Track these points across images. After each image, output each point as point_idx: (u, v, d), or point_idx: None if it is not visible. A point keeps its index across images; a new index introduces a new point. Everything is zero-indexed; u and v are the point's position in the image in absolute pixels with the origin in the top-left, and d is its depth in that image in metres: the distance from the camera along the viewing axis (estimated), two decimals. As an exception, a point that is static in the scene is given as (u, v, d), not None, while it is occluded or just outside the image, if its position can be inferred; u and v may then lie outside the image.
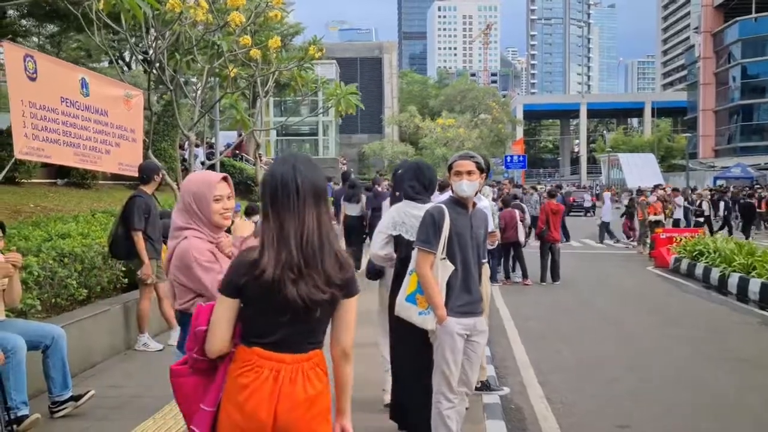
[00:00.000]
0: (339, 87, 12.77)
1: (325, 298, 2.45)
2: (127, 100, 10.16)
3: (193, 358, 2.68)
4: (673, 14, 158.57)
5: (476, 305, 4.31)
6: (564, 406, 6.05)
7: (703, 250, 14.58)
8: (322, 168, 2.66)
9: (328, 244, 2.47)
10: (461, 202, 4.30)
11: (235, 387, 2.50)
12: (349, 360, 2.60)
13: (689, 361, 7.72)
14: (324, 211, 2.51)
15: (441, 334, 4.21)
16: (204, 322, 2.62)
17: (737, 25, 72.18)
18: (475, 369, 4.41)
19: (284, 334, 2.48)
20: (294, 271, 2.41)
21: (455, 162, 4.30)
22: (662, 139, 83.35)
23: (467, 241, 4.25)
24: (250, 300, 2.49)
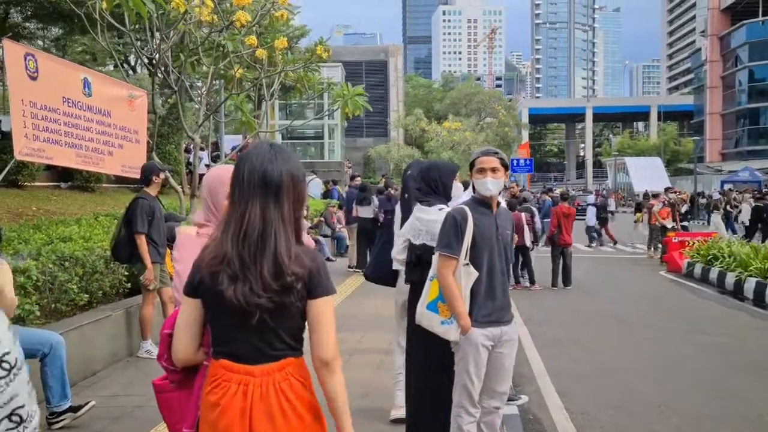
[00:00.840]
0: (347, 88, 12.53)
1: (264, 304, 2.14)
2: (130, 101, 9.95)
3: (164, 368, 2.46)
4: (679, 18, 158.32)
5: (503, 313, 3.99)
6: (585, 416, 5.79)
7: (717, 255, 14.30)
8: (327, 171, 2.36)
9: (272, 243, 2.16)
10: (485, 202, 3.99)
11: (206, 406, 2.25)
12: (332, 370, 2.24)
13: (712, 369, 7.44)
14: (275, 206, 2.20)
15: (464, 345, 3.92)
16: (170, 325, 2.39)
17: (744, 28, 71.94)
18: (505, 380, 4.11)
19: (244, 341, 2.21)
20: (231, 267, 2.15)
21: (478, 158, 3.99)
22: (668, 142, 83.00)
23: (492, 244, 3.94)
24: (205, 301, 2.24)
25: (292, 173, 2.26)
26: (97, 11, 9.77)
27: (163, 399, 2.53)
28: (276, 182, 2.22)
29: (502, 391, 4.10)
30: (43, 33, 21.61)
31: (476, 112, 61.29)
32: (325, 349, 2.24)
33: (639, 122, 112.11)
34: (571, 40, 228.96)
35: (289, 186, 2.24)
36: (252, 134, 13.77)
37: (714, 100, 77.31)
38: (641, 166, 62.06)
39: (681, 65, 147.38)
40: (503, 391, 4.11)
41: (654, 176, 55.30)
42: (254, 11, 11.42)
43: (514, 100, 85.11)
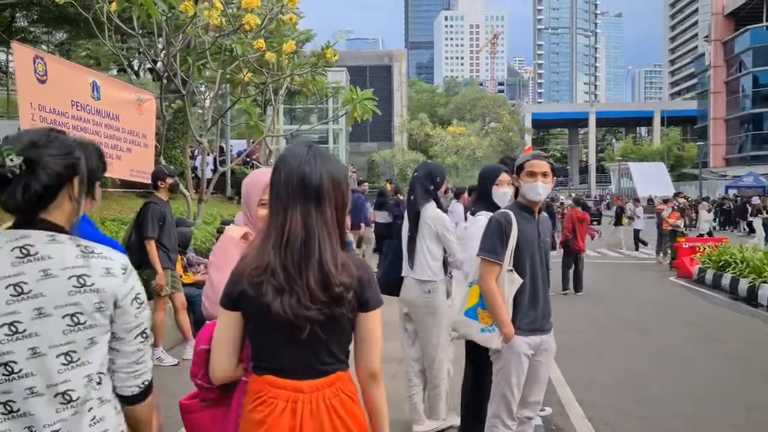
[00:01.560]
0: (355, 92, 12.42)
1: (314, 316, 2.00)
2: (138, 105, 9.84)
3: (199, 386, 2.29)
4: (681, 23, 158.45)
5: (544, 321, 3.89)
6: (609, 427, 5.65)
7: (729, 260, 14.12)
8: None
9: (316, 252, 2.02)
10: (528, 208, 3.85)
11: (250, 424, 2.09)
12: (379, 382, 2.15)
13: (733, 377, 7.29)
14: (316, 211, 2.06)
15: (507, 354, 3.79)
16: (207, 340, 2.23)
17: (748, 34, 71.84)
18: (540, 390, 3.99)
19: (292, 356, 2.07)
20: (276, 278, 2.00)
21: (528, 162, 3.83)
22: (672, 148, 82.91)
23: (534, 251, 3.81)
24: (247, 314, 2.08)
25: (333, 175, 2.12)
26: (104, 14, 9.69)
27: (192, 420, 2.36)
28: (315, 186, 2.07)
29: (536, 401, 3.99)
30: (47, 38, 21.54)
31: (480, 116, 61.25)
32: (375, 361, 2.13)
33: (642, 127, 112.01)
34: (574, 45, 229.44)
35: (330, 189, 2.09)
36: (260, 138, 13.71)
37: (718, 106, 77.18)
38: (645, 171, 61.92)
39: (683, 70, 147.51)
40: (537, 401, 4.00)
41: (658, 181, 55.18)
42: (262, 15, 11.33)
43: (517, 105, 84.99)
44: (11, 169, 1.74)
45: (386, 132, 50.46)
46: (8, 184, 1.76)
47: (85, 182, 1.89)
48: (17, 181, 1.76)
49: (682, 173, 75.50)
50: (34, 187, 1.78)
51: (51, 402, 1.75)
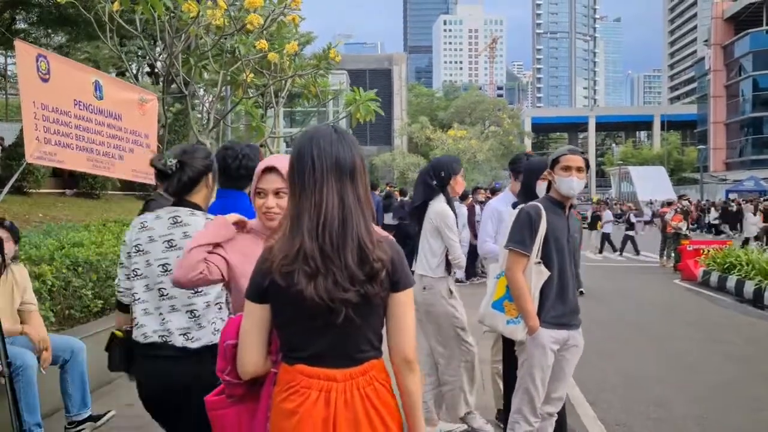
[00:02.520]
0: (358, 93, 12.34)
1: (351, 298, 1.96)
2: (141, 105, 9.75)
3: (226, 383, 2.21)
4: (680, 28, 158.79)
5: (572, 317, 3.85)
6: (622, 428, 5.57)
7: (734, 263, 14.05)
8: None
9: (353, 230, 2.00)
10: (560, 202, 3.82)
11: (281, 415, 2.03)
12: (414, 368, 2.09)
13: (743, 379, 7.21)
14: (351, 190, 2.04)
15: (531, 346, 3.75)
16: (233, 334, 2.16)
17: (748, 38, 72.01)
18: (562, 386, 3.94)
19: (326, 344, 2.01)
20: (309, 264, 1.94)
21: (563, 156, 3.81)
22: (672, 152, 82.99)
23: (564, 246, 3.78)
24: (277, 304, 2.04)
25: (361, 155, 2.14)
26: (106, 14, 9.62)
27: (217, 417, 2.28)
28: (350, 165, 2.06)
29: (558, 397, 3.94)
30: (46, 41, 21.50)
31: (481, 120, 61.29)
32: (410, 345, 2.08)
33: (642, 132, 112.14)
34: (572, 49, 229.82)
35: (360, 167, 2.09)
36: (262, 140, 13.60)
37: (718, 110, 77.28)
38: (645, 175, 62.01)
39: (683, 74, 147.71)
40: (560, 397, 3.95)
41: (658, 185, 55.29)
42: (264, 15, 11.26)
43: (517, 109, 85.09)
44: (170, 168, 2.91)
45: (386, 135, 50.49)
46: (169, 177, 2.93)
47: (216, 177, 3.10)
48: (173, 176, 2.93)
49: (683, 177, 75.59)
50: (183, 179, 2.94)
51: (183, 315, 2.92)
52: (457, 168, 5.09)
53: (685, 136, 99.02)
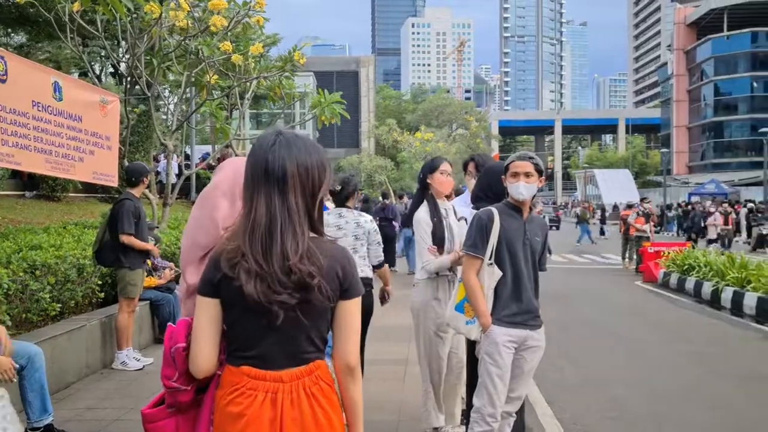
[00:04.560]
0: (323, 95, 12.33)
1: (287, 300, 1.97)
2: (102, 106, 9.63)
3: (173, 391, 2.14)
4: (644, 33, 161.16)
5: (528, 317, 3.92)
6: (578, 427, 5.65)
7: (693, 264, 14.31)
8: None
9: (278, 240, 1.99)
10: (516, 207, 3.92)
11: (226, 418, 2.01)
12: (355, 376, 2.11)
13: (700, 378, 7.35)
14: (280, 198, 2.02)
15: (485, 344, 3.85)
16: (181, 338, 2.13)
17: (710, 43, 73.34)
18: (522, 386, 3.99)
19: (271, 344, 2.02)
20: (248, 263, 1.97)
21: (512, 162, 3.90)
22: (636, 155, 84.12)
23: (518, 248, 3.87)
24: (226, 300, 2.03)
25: (299, 161, 2.06)
26: (66, 14, 9.50)
27: (155, 429, 2.22)
28: (278, 172, 2.04)
29: (517, 396, 3.99)
30: (6, 40, 21.13)
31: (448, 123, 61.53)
32: (352, 354, 2.10)
33: (607, 135, 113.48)
34: (539, 53, 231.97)
35: (296, 175, 2.05)
36: (226, 142, 13.54)
37: (680, 114, 78.53)
38: (610, 178, 62.84)
39: (647, 79, 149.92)
40: (518, 396, 4.00)
41: (623, 188, 56.06)
42: (229, 18, 11.20)
43: (484, 112, 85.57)
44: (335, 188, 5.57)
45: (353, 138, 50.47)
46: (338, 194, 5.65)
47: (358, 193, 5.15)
48: (338, 193, 5.66)
49: (647, 180, 76.66)
50: (344, 194, 5.67)
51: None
52: (434, 165, 5.05)
53: (650, 139, 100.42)
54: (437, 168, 4.99)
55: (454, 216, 5.03)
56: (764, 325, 10.57)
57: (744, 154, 71.90)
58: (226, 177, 2.47)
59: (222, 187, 2.45)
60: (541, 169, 3.93)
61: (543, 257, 4.07)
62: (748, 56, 71.28)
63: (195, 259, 2.37)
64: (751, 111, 71.25)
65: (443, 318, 4.63)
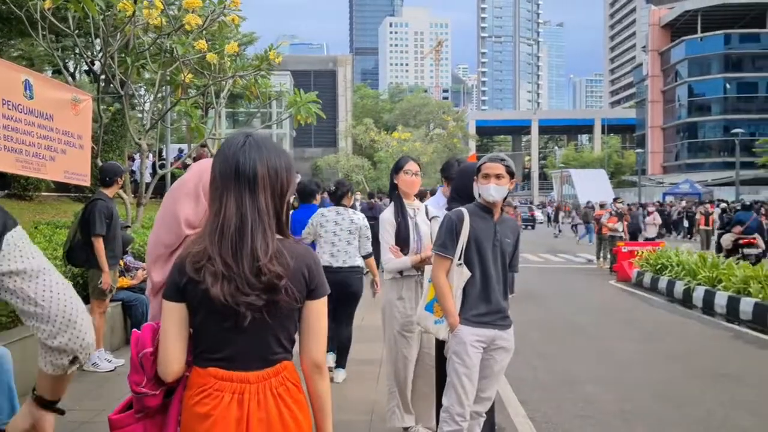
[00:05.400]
0: (299, 95, 12.31)
1: (255, 302, 1.98)
2: (74, 105, 9.52)
3: (141, 396, 2.13)
4: (620, 34, 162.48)
5: (496, 317, 3.94)
6: (549, 425, 5.69)
7: (666, 264, 14.47)
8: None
9: (248, 241, 2.01)
10: (487, 208, 3.95)
11: (193, 418, 2.03)
12: (323, 374, 2.14)
13: (671, 376, 7.43)
14: (250, 199, 2.04)
15: (452, 343, 3.88)
16: (149, 342, 2.13)
17: (684, 45, 74.14)
18: (491, 386, 4.01)
19: (238, 346, 2.04)
20: (214, 265, 1.98)
21: (484, 164, 3.93)
22: (612, 155, 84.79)
23: (487, 249, 3.90)
24: (192, 303, 2.05)
25: (269, 163, 2.10)
26: (38, 11, 9.40)
27: None
28: (249, 174, 2.06)
29: (487, 397, 4.02)
30: (-23, 38, 20.82)
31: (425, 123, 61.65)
32: (320, 351, 2.13)
33: (583, 135, 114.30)
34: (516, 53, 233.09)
35: (266, 177, 2.08)
36: (201, 141, 13.46)
37: (655, 114, 79.30)
38: (586, 178, 63.28)
39: (623, 80, 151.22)
40: (487, 397, 4.03)
41: (598, 188, 56.40)
42: (204, 16, 11.14)
43: (462, 111, 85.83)
44: (330, 188, 6.95)
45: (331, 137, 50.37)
46: (333, 194, 6.86)
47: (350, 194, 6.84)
48: (333, 193, 6.85)
49: (622, 180, 77.32)
50: (338, 194, 6.75)
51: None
52: (399, 165, 5.05)
53: (625, 139, 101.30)
54: (402, 168, 5.01)
55: (425, 216, 5.03)
56: (734, 324, 10.72)
57: (717, 154, 72.78)
58: (192, 176, 2.48)
59: (187, 185, 2.45)
60: (512, 170, 3.96)
61: (514, 259, 4.10)
62: (721, 58, 72.17)
63: (159, 257, 2.38)
64: (724, 112, 72.17)
65: (408, 317, 4.66)
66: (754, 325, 10.43)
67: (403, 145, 42.36)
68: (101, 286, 6.81)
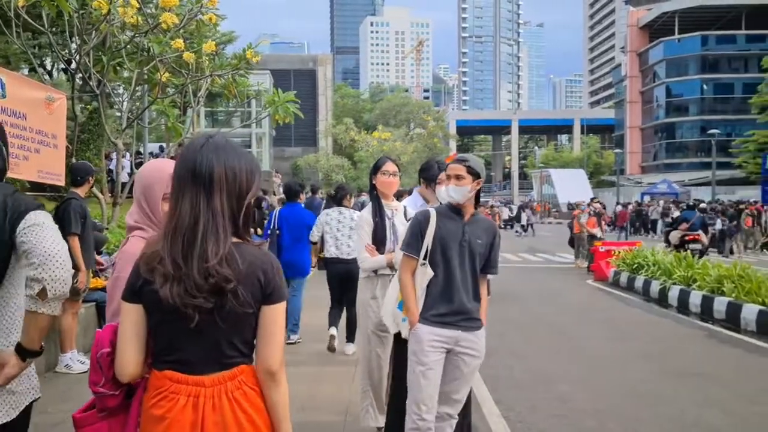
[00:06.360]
0: (278, 94, 12.27)
1: (202, 305, 1.98)
2: (48, 104, 9.43)
3: (100, 396, 2.15)
4: (599, 34, 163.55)
5: (459, 318, 3.89)
6: (523, 425, 5.72)
7: (642, 263, 14.59)
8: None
9: (199, 242, 2.00)
10: (457, 208, 3.94)
11: (150, 420, 2.04)
12: (277, 382, 2.10)
13: (645, 375, 7.50)
14: (205, 201, 2.03)
15: (411, 342, 3.90)
16: (107, 343, 2.14)
17: (662, 46, 74.71)
18: (460, 388, 3.97)
19: (193, 349, 2.04)
20: (165, 266, 1.98)
21: (448, 166, 3.99)
22: (591, 155, 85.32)
23: (453, 249, 3.88)
24: (148, 305, 2.05)
25: (227, 164, 2.08)
26: (12, 9, 9.29)
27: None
28: (205, 175, 2.05)
29: (457, 399, 3.98)
30: (-50, 36, 20.51)
31: (405, 122, 61.71)
32: (274, 359, 2.09)
33: (563, 135, 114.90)
34: (497, 53, 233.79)
35: (222, 178, 2.06)
36: (178, 140, 13.39)
37: (633, 115, 79.87)
38: (566, 177, 63.62)
39: (602, 80, 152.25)
40: (458, 399, 3.99)
41: (578, 188, 56.71)
42: (181, 15, 11.07)
43: (442, 111, 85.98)
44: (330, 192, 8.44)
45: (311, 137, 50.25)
46: (333, 197, 8.47)
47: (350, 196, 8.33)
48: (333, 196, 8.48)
49: (601, 180, 77.81)
50: (338, 197, 8.23)
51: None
52: (377, 165, 5.07)
53: (604, 139, 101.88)
54: (380, 168, 5.02)
55: (404, 216, 5.04)
56: (708, 323, 10.83)
57: (694, 154, 73.45)
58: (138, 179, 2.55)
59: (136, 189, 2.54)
60: (475, 171, 3.91)
61: (491, 260, 4.04)
62: (698, 59, 72.83)
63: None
64: (701, 113, 72.84)
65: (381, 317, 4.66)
66: (728, 324, 10.55)
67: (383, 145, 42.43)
68: (77, 285, 6.75)
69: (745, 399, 6.62)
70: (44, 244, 2.36)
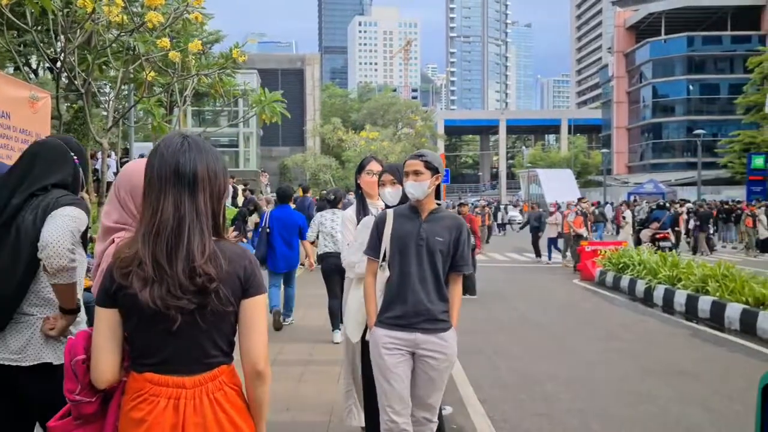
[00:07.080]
0: (264, 94, 12.25)
1: (185, 306, 1.97)
2: (32, 103, 9.37)
3: (76, 404, 2.12)
4: (586, 35, 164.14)
5: (416, 319, 3.74)
6: (508, 424, 5.74)
7: (628, 263, 14.67)
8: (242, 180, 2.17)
9: (184, 241, 2.00)
10: (416, 207, 3.85)
11: (129, 423, 2.01)
12: (263, 377, 2.08)
13: (629, 374, 7.54)
14: (189, 200, 2.03)
15: (371, 345, 3.87)
16: (81, 349, 2.11)
17: (648, 46, 75.18)
18: (431, 392, 3.84)
19: (172, 350, 2.02)
20: (144, 269, 1.96)
21: (405, 162, 3.88)
22: (578, 155, 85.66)
23: (409, 249, 3.76)
24: (124, 309, 2.03)
25: (208, 164, 2.09)
26: (-5, 7, 9.22)
27: None
28: (189, 175, 2.05)
29: (429, 403, 3.86)
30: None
31: (393, 122, 61.74)
32: (259, 353, 2.08)
33: (550, 135, 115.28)
34: (485, 53, 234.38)
35: (205, 178, 2.07)
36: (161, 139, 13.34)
37: (620, 115, 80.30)
38: (553, 177, 63.76)
39: (589, 80, 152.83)
40: (430, 404, 3.87)
41: (565, 187, 56.90)
42: (167, 14, 11.02)
43: (430, 111, 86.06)
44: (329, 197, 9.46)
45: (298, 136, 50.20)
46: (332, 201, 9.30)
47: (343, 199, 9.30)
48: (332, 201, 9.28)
49: (588, 180, 78.16)
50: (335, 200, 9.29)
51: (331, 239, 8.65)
52: (361, 165, 5.04)
53: (591, 139, 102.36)
54: (365, 168, 5.01)
55: None
56: (693, 322, 10.91)
57: (680, 154, 73.93)
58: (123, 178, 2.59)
59: (119, 188, 2.55)
60: (433, 166, 3.80)
61: (458, 257, 3.85)
62: (684, 59, 73.32)
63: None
64: (687, 113, 73.32)
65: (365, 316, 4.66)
66: (712, 323, 10.63)
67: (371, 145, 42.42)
68: None
69: (726, 397, 6.67)
70: (44, 232, 2.75)
